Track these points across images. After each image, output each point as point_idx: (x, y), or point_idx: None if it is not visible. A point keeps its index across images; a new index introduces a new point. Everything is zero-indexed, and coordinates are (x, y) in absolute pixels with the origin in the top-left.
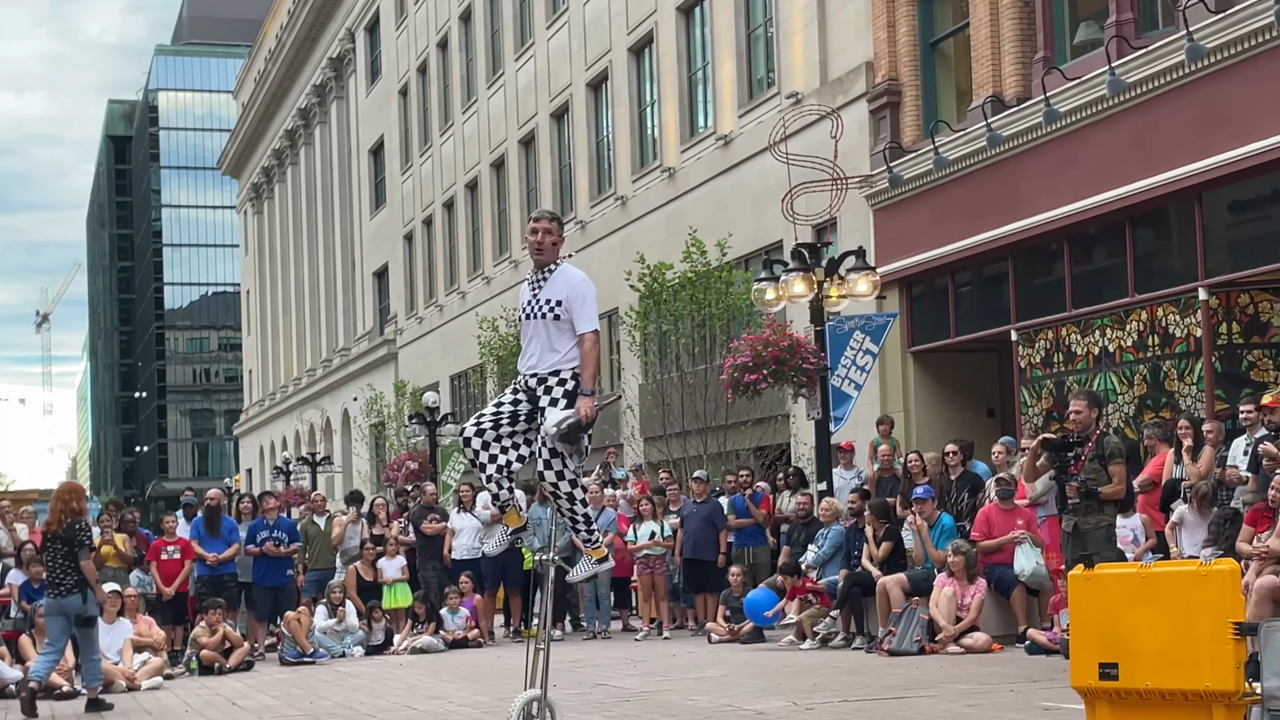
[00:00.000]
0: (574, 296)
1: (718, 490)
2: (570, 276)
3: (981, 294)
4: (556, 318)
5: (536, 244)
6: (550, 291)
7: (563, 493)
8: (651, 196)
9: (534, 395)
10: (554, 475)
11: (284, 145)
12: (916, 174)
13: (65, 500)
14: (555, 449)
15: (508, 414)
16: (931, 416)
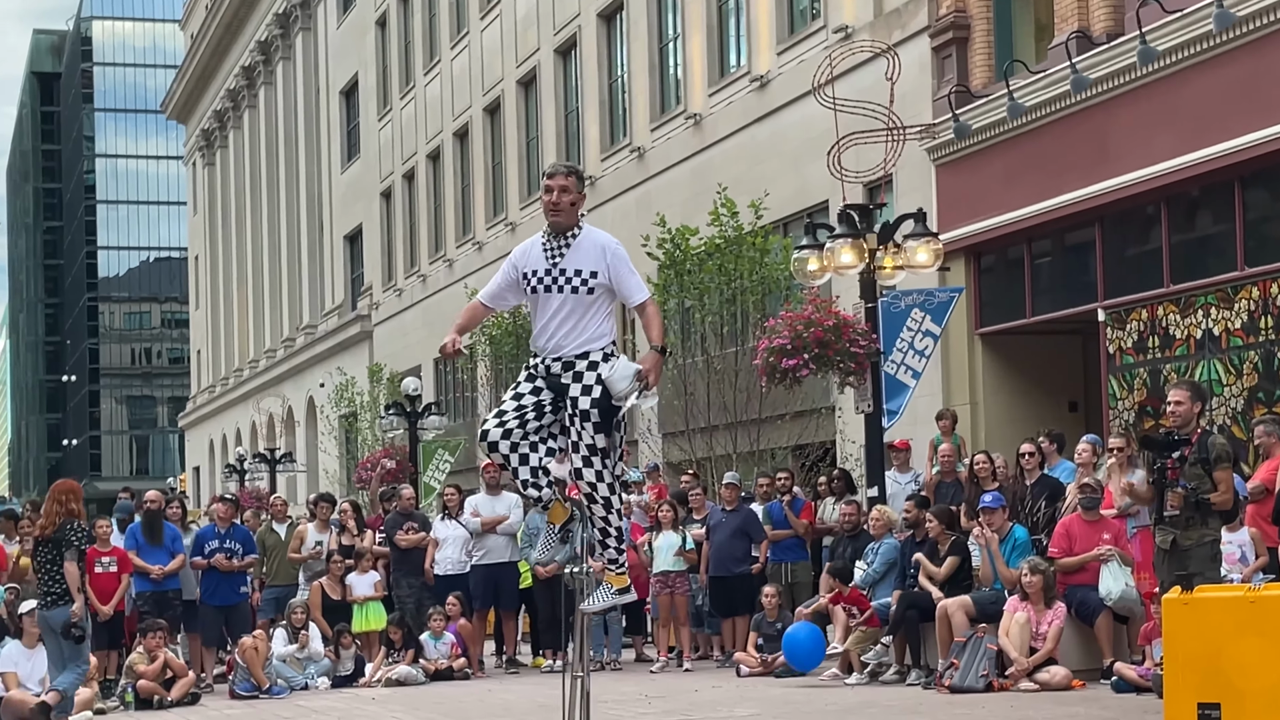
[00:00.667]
0: (615, 267)
1: (749, 496)
2: (601, 242)
3: (1063, 266)
4: (590, 291)
5: (553, 204)
6: (577, 261)
7: (599, 497)
8: (673, 148)
9: (557, 382)
10: (593, 475)
11: (240, 85)
12: (987, 124)
13: (60, 500)
14: (595, 444)
15: (532, 406)
16: (1003, 410)
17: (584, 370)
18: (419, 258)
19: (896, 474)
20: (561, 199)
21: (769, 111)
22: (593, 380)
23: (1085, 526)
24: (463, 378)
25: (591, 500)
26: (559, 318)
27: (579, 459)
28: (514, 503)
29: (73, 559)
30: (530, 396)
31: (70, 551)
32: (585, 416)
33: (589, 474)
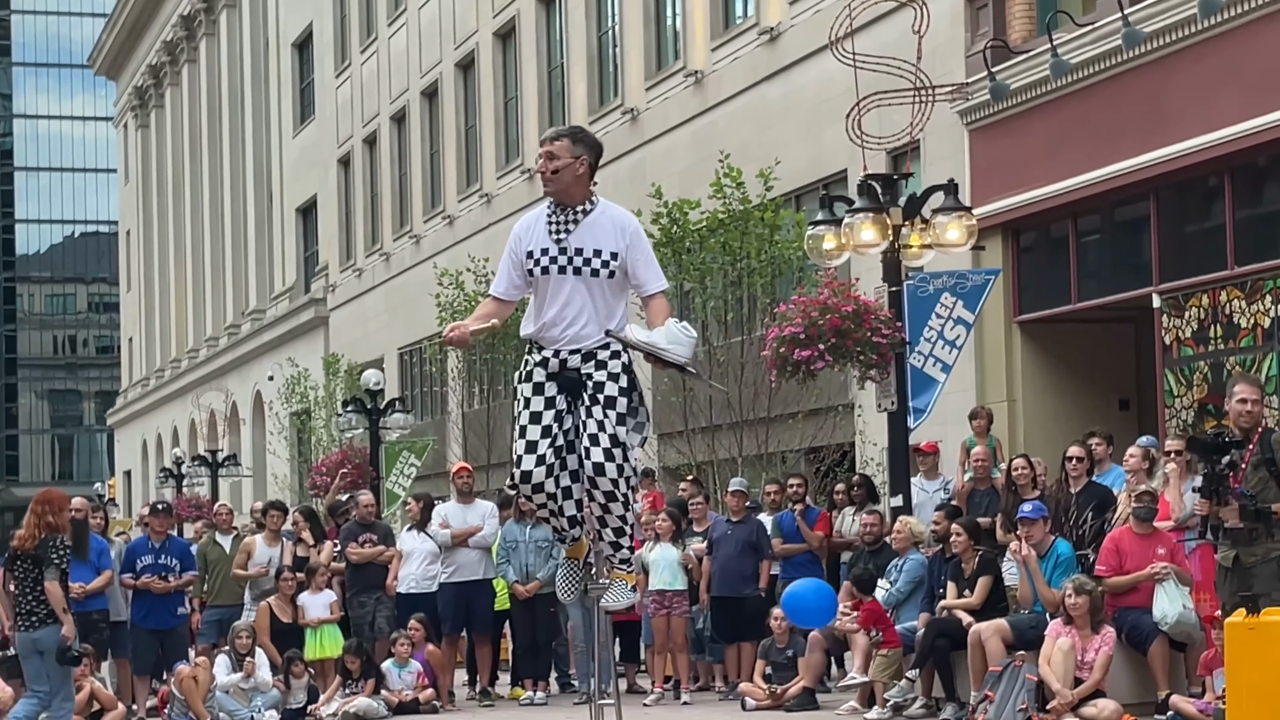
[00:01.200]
0: (636, 248)
1: (757, 505)
2: (620, 220)
3: (1113, 245)
4: (611, 275)
5: (539, 173)
6: (592, 239)
7: (620, 495)
8: (671, 110)
9: (571, 377)
10: (615, 471)
11: (178, 37)
12: (1027, 83)
13: (39, 512)
14: (618, 436)
15: (554, 420)
16: (1044, 409)
17: (608, 359)
18: (381, 234)
19: (924, 481)
20: (545, 166)
21: (780, 69)
22: (619, 368)
23: (1137, 541)
24: (431, 370)
25: (611, 500)
26: (576, 305)
27: (599, 452)
28: (488, 512)
29: (54, 578)
30: (550, 415)
31: (51, 570)
32: (611, 403)
33: (611, 470)
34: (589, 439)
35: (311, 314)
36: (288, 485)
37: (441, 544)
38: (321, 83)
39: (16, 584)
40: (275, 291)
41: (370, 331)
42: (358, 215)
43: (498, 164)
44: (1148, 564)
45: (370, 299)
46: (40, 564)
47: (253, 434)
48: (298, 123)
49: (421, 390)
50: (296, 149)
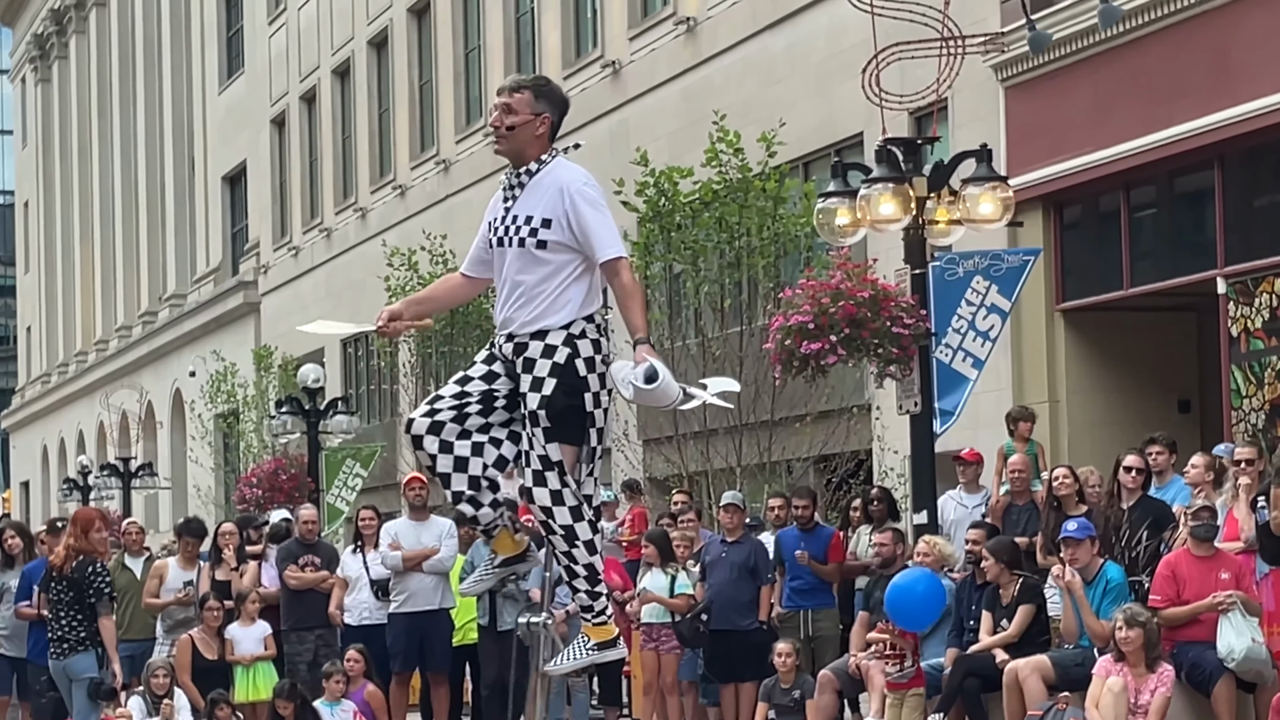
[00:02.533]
0: (575, 210)
1: (758, 522)
2: (563, 178)
3: (1171, 221)
4: (541, 245)
5: (493, 126)
6: (530, 204)
7: (558, 526)
8: (659, 63)
9: (513, 367)
10: (546, 496)
11: None
12: (1072, 33)
13: (79, 533)
14: (549, 455)
15: (479, 396)
16: (1091, 412)
17: (536, 357)
18: (322, 206)
19: (964, 494)
20: (501, 121)
21: (785, 15)
22: (545, 371)
23: (1198, 565)
24: (380, 365)
25: (549, 530)
26: (509, 281)
27: (530, 475)
28: (445, 531)
29: (106, 612)
30: (480, 382)
31: (103, 604)
32: (533, 420)
33: (541, 495)
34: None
35: (240, 300)
36: (211, 499)
37: (391, 567)
38: (252, 30)
39: (51, 606)
40: (198, 273)
41: (309, 320)
42: (294, 185)
43: (457, 126)
44: (1210, 592)
45: (308, 282)
46: (76, 588)
47: (171, 439)
48: (224, 77)
49: (368, 388)
50: (222, 107)
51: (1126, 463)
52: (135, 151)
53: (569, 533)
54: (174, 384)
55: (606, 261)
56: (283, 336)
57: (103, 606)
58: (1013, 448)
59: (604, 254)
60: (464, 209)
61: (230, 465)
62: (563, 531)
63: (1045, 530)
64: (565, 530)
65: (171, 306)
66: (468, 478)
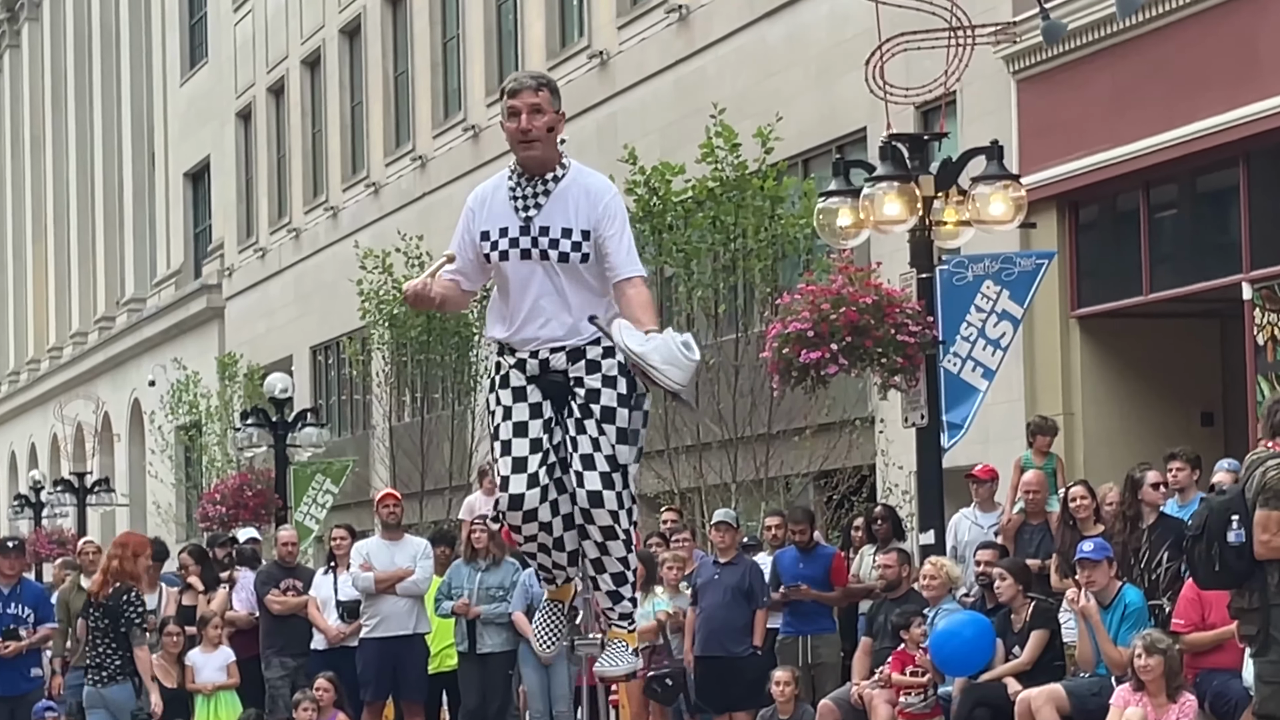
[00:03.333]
0: (607, 221)
1: (754, 542)
2: (593, 188)
3: (1194, 222)
4: (585, 259)
5: (522, 133)
6: (560, 214)
7: (621, 531)
8: (649, 54)
9: (558, 384)
10: (614, 499)
11: None
12: (1088, 23)
13: (113, 558)
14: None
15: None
16: (1109, 425)
17: (599, 358)
18: (290, 205)
19: (979, 514)
20: (534, 124)
21: (784, 2)
22: (614, 370)
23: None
24: (351, 374)
25: (611, 536)
26: (549, 299)
27: (595, 478)
28: (420, 551)
29: (141, 643)
30: (535, 422)
31: (135, 634)
32: (610, 415)
33: (610, 499)
34: (581, 461)
35: (203, 304)
36: (173, 516)
37: (362, 590)
38: (216, 18)
39: (89, 633)
40: (158, 276)
41: (276, 326)
42: (261, 182)
43: (434, 120)
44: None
45: (276, 286)
46: (112, 616)
47: (129, 452)
48: (187, 67)
49: (339, 399)
50: (185, 99)
51: (1151, 479)
52: (91, 146)
53: (628, 537)
54: (132, 394)
55: (629, 277)
56: (248, 343)
57: (135, 636)
58: (1030, 461)
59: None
60: (442, 208)
61: (192, 481)
62: (624, 536)
63: (1060, 551)
64: (625, 535)
65: (130, 311)
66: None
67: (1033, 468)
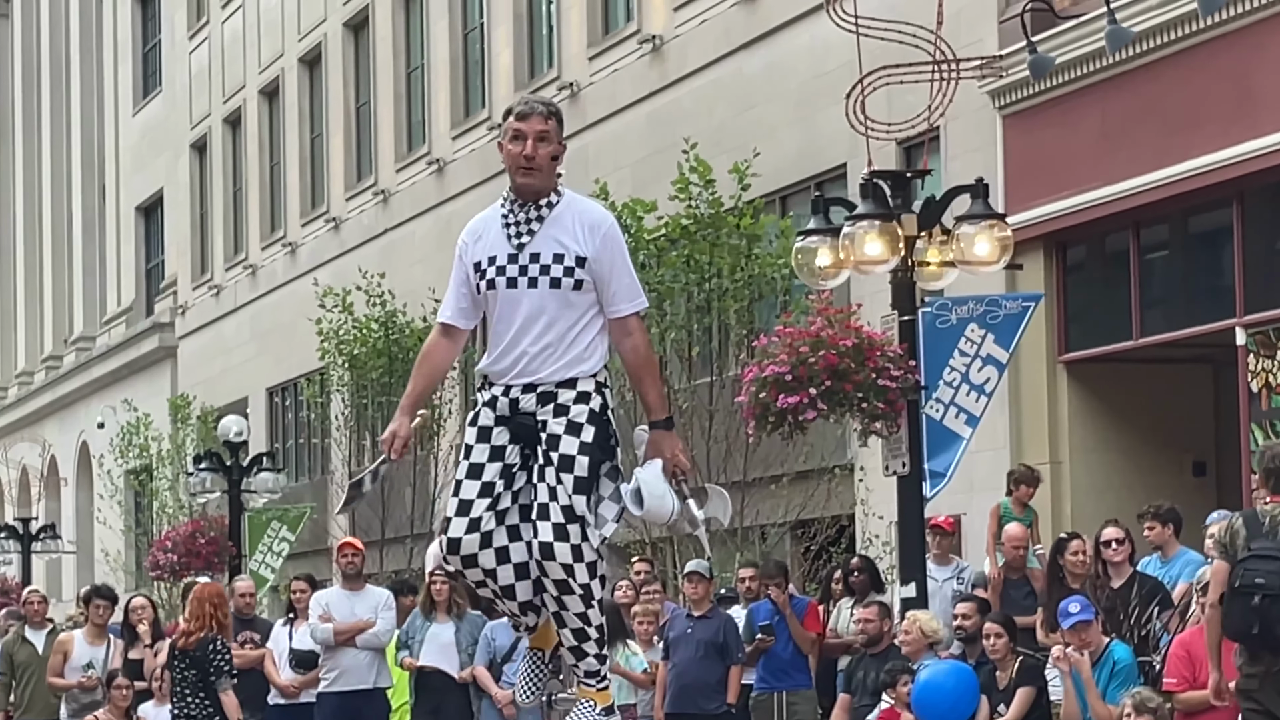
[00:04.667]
0: (607, 251)
1: (730, 594)
2: (591, 216)
3: (1186, 263)
4: (577, 286)
5: (525, 159)
6: (554, 240)
7: (577, 586)
8: (621, 85)
9: (527, 423)
10: (568, 552)
11: None
12: (1077, 56)
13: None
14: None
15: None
16: (1097, 474)
17: (570, 403)
18: (246, 240)
19: (932, 566)
20: (539, 152)
21: (762, 34)
22: (583, 417)
23: None
24: (310, 417)
25: (566, 591)
26: (533, 328)
27: (548, 529)
28: (382, 602)
29: (227, 688)
30: (493, 465)
31: (223, 680)
32: (567, 465)
33: (563, 551)
34: (537, 510)
35: (155, 343)
36: (122, 565)
37: (321, 642)
38: (171, 45)
39: (176, 684)
40: (108, 314)
41: (231, 366)
42: (216, 216)
43: (397, 153)
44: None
45: (231, 324)
46: (199, 667)
47: (77, 498)
48: (139, 96)
49: (297, 443)
50: (137, 130)
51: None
52: (39, 178)
53: (586, 592)
54: (80, 436)
55: (628, 315)
56: (202, 384)
57: (223, 683)
58: (1010, 511)
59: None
60: (404, 244)
61: (142, 527)
62: (581, 592)
63: (1045, 607)
64: (583, 590)
65: (78, 350)
66: (530, 583)
67: (1013, 518)
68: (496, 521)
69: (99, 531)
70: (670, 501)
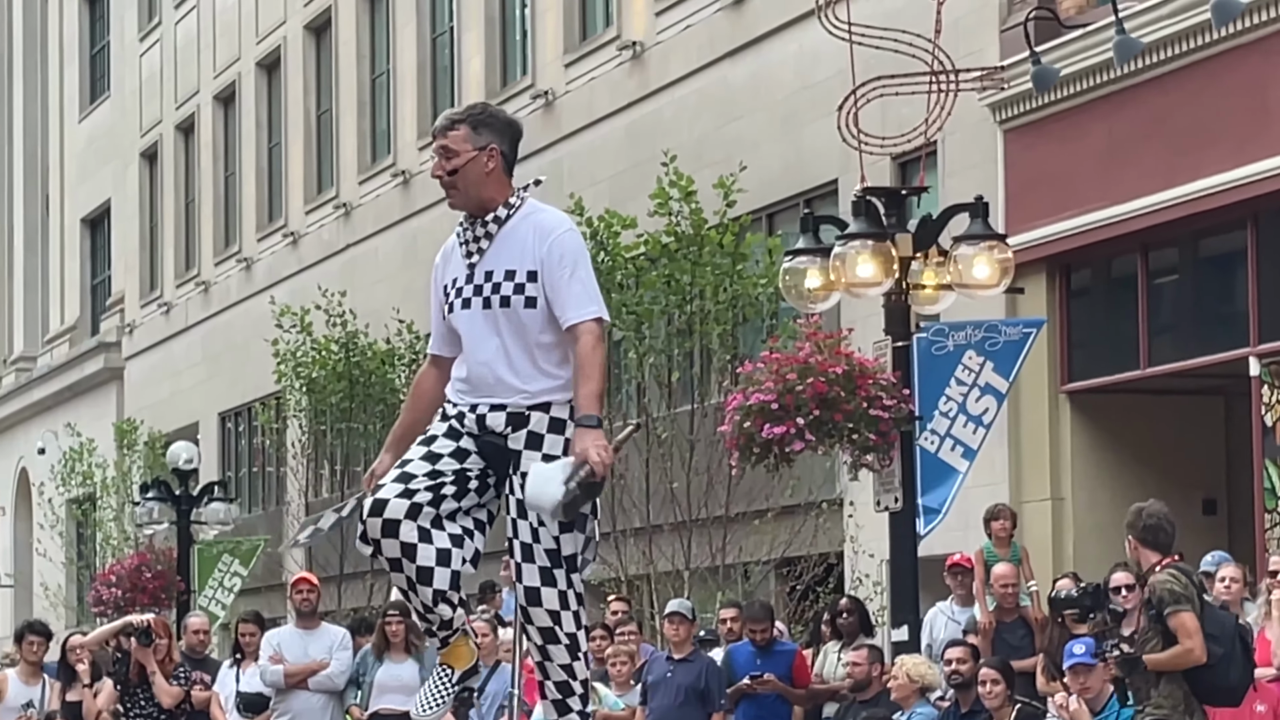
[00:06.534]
0: (554, 257)
1: (712, 636)
2: (542, 226)
3: (1197, 289)
4: (530, 303)
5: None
6: (504, 256)
7: (564, 635)
8: (598, 95)
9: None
10: (555, 598)
11: None
12: (1082, 68)
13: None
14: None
15: (452, 476)
16: (1100, 510)
17: (543, 431)
18: (199, 255)
19: (954, 608)
20: (441, 169)
21: (748, 41)
22: (558, 449)
23: None
24: (265, 444)
25: (550, 640)
26: (486, 350)
27: (533, 572)
28: (337, 642)
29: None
30: (451, 460)
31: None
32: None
33: (549, 597)
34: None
35: (100, 364)
36: (62, 599)
37: (271, 684)
38: (120, 47)
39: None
40: (50, 333)
41: (181, 389)
42: (167, 230)
43: (360, 164)
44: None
45: (181, 345)
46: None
47: (15, 528)
48: (86, 101)
49: (250, 471)
50: (83, 137)
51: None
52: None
53: (573, 644)
54: (19, 462)
55: (574, 324)
56: (150, 408)
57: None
58: (993, 552)
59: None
60: (367, 261)
61: (85, 560)
62: (567, 642)
63: (1047, 650)
64: (569, 640)
65: (18, 371)
66: (450, 573)
67: (996, 559)
68: (429, 502)
69: (38, 564)
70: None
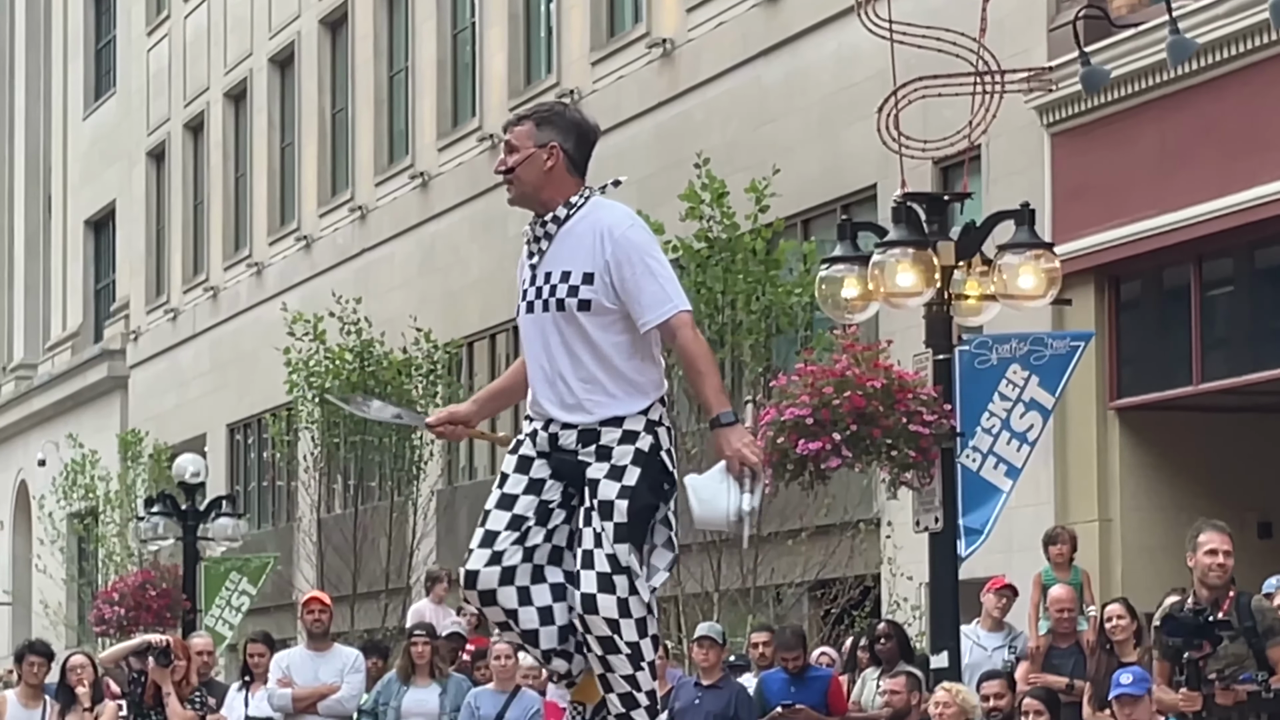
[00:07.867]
0: (618, 257)
1: (742, 661)
2: (602, 221)
3: (1253, 301)
4: (584, 305)
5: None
6: (562, 257)
7: (624, 645)
8: (626, 95)
9: (569, 465)
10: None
11: None
12: (1134, 70)
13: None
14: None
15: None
16: (1150, 533)
17: (614, 444)
18: (207, 259)
19: (982, 632)
20: (504, 162)
21: (783, 39)
22: (627, 458)
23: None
24: (275, 457)
25: (611, 649)
26: (544, 357)
27: (591, 579)
28: (349, 664)
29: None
30: (527, 498)
31: None
32: (607, 511)
33: (607, 604)
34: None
35: (103, 372)
36: (62, 618)
37: (278, 709)
38: (126, 42)
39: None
40: (51, 339)
41: (188, 399)
42: (174, 233)
43: (376, 165)
44: None
45: (188, 352)
46: None
47: (13, 542)
48: (90, 99)
49: (260, 485)
50: (87, 136)
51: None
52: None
53: (635, 652)
54: (19, 475)
55: (661, 322)
56: (155, 419)
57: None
58: (1052, 576)
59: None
60: (383, 266)
61: (86, 577)
62: (629, 652)
63: (1094, 679)
64: (631, 650)
65: (18, 380)
66: (555, 631)
67: (1055, 583)
68: (522, 558)
69: (38, 581)
70: (724, 503)
